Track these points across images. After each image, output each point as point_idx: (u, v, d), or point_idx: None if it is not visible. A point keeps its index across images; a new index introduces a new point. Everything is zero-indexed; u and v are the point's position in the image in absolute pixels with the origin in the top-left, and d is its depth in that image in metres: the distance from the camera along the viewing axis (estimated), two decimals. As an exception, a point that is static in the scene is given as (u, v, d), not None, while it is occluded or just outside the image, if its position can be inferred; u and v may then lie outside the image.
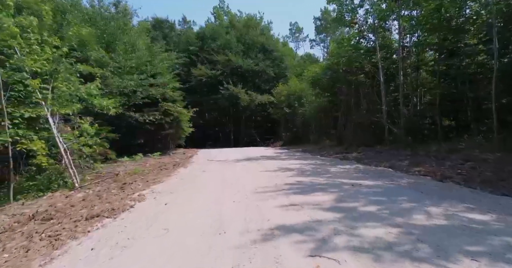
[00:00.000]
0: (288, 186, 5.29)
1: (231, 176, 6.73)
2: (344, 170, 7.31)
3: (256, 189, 5.10)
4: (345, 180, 5.75)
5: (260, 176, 6.53)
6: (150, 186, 5.98)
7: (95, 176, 9.53)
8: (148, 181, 6.70)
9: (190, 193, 5.01)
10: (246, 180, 6.06)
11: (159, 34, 27.29)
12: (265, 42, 28.12)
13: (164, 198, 4.62)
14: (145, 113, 15.90)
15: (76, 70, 8.91)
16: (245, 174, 6.96)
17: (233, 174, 7.14)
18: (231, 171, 7.77)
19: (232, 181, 6.05)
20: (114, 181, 8.19)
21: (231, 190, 5.10)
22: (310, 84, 18.49)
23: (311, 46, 41.04)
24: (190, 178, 6.89)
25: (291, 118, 23.62)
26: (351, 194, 4.44)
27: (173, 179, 6.75)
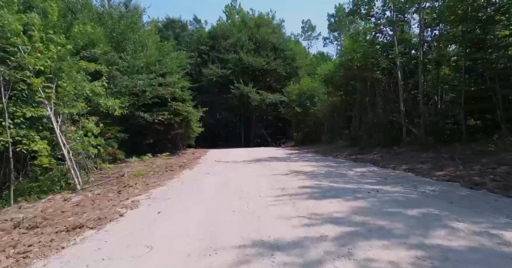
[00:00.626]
0: (296, 192, 4.76)
1: (236, 180, 6.26)
2: (360, 173, 6.69)
3: (260, 195, 4.61)
4: (361, 185, 5.16)
5: (266, 180, 6.02)
6: (149, 189, 5.60)
7: (100, 177, 9.32)
8: (149, 184, 6.34)
9: (188, 199, 4.58)
10: (251, 185, 5.58)
11: (170, 34, 27.24)
12: (276, 41, 27.51)
13: (158, 206, 4.20)
14: (154, 113, 15.72)
15: (79, 67, 8.70)
16: (251, 178, 6.48)
17: (238, 177, 6.67)
18: (237, 173, 7.30)
19: (235, 185, 5.58)
20: (117, 183, 7.93)
21: (233, 196, 4.63)
22: (323, 82, 17.78)
23: (324, 44, 40.12)
24: (192, 181, 6.47)
25: (303, 118, 22.92)
26: (369, 203, 3.87)
27: (175, 183, 6.36)
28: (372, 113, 12.90)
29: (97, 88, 9.35)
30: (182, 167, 10.53)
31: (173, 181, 6.58)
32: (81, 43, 9.92)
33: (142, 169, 10.75)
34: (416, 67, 11.06)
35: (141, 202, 4.49)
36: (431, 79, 11.39)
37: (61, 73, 8.21)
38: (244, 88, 24.87)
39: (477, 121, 10.62)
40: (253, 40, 27.31)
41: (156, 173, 9.43)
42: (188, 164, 11.11)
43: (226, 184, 5.74)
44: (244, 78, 25.69)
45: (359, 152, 12.10)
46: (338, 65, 15.84)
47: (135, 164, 12.85)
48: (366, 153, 11.88)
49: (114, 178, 9.13)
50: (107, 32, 13.25)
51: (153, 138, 16.52)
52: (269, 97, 25.57)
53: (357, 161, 9.84)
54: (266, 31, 27.65)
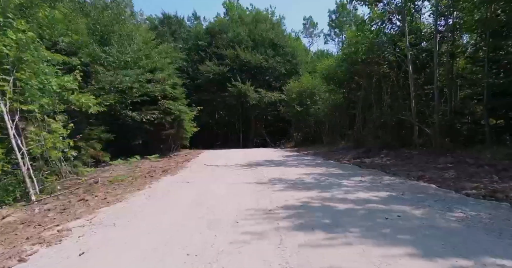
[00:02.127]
0: (286, 215, 3.47)
1: (215, 193, 4.98)
2: (368, 184, 5.38)
3: (237, 221, 3.33)
4: (373, 204, 3.85)
5: (252, 194, 4.73)
6: (100, 207, 4.33)
7: (70, 184, 8.07)
8: (107, 198, 5.07)
9: (137, 228, 3.30)
10: (230, 202, 4.29)
11: (166, 31, 25.99)
12: (275, 38, 26.16)
13: (90, 240, 2.93)
14: (143, 112, 14.47)
15: (43, 57, 7.43)
16: (235, 190, 5.19)
17: (219, 189, 5.38)
18: (220, 183, 6.01)
19: (211, 202, 4.30)
20: (83, 192, 6.71)
21: (200, 222, 3.35)
22: (324, 79, 16.44)
23: (325, 41, 38.52)
24: (162, 194, 5.19)
25: (303, 117, 21.61)
26: (392, 242, 2.56)
27: (140, 196, 5.08)
28: (378, 111, 11.58)
29: (67, 83, 8.11)
30: (165, 171, 9.28)
31: (141, 193, 5.30)
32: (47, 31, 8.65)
33: (123, 173, 9.53)
34: (429, 59, 9.71)
35: (73, 231, 3.22)
36: (444, 73, 10.03)
37: (21, 64, 6.97)
38: (241, 86, 23.57)
39: (499, 121, 9.27)
40: (251, 36, 25.98)
41: (134, 179, 8.23)
42: (173, 169, 9.86)
43: (200, 200, 4.46)
44: (242, 76, 24.39)
45: (364, 155, 10.77)
46: (340, 59, 14.50)
47: (119, 167, 11.60)
48: (372, 155, 10.55)
49: (86, 185, 7.91)
50: (90, 23, 12.01)
51: (143, 138, 15.26)
52: (268, 95, 24.25)
53: (363, 165, 8.52)
54: (264, 27, 26.31)
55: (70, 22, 11.22)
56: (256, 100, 23.95)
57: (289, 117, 23.47)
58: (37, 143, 7.22)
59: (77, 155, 10.38)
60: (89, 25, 11.91)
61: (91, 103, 8.97)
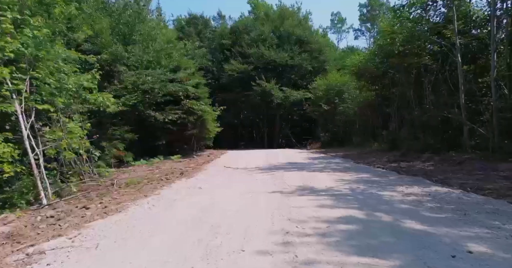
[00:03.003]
0: (307, 241, 2.61)
1: (224, 206, 4.21)
2: (413, 197, 4.29)
3: (243, 248, 2.54)
4: (425, 225, 2.85)
5: (267, 208, 3.91)
6: (94, 219, 3.78)
7: (87, 186, 7.83)
8: (108, 206, 4.54)
9: (123, 251, 2.64)
10: (240, 218, 3.51)
11: (192, 31, 25.96)
12: (302, 34, 24.96)
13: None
14: (166, 112, 14.25)
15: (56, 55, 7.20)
16: (248, 200, 4.40)
17: (231, 199, 4.62)
18: (234, 191, 5.26)
19: (217, 217, 3.55)
20: (97, 196, 6.36)
21: (197, 247, 2.61)
22: (354, 75, 15.06)
23: (355, 36, 36.30)
24: (167, 203, 4.54)
25: (331, 116, 20.27)
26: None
27: (142, 206, 4.47)
28: (419, 109, 10.11)
29: (84, 82, 7.87)
30: (182, 174, 8.79)
31: (145, 202, 4.71)
32: (63, 28, 8.50)
33: (141, 175, 9.22)
34: (483, 48, 8.16)
35: (46, 255, 2.64)
36: (502, 64, 8.39)
37: (37, 62, 6.79)
38: (266, 85, 22.74)
39: None
40: (276, 33, 25.04)
41: (149, 182, 7.84)
42: (190, 171, 9.35)
43: (205, 215, 3.72)
44: (267, 75, 23.56)
45: (401, 159, 9.43)
46: (372, 52, 13.10)
47: (140, 168, 11.39)
48: (411, 159, 9.20)
49: (103, 186, 7.63)
50: (113, 23, 11.95)
51: (166, 138, 15.06)
52: (293, 94, 23.17)
53: (402, 171, 7.28)
54: (290, 23, 25.22)
55: (94, 22, 11.22)
56: (281, 99, 23.01)
57: (316, 117, 22.22)
58: (52, 143, 6.98)
59: (100, 155, 10.30)
60: (112, 24, 11.83)
61: (109, 103, 8.68)
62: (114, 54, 11.56)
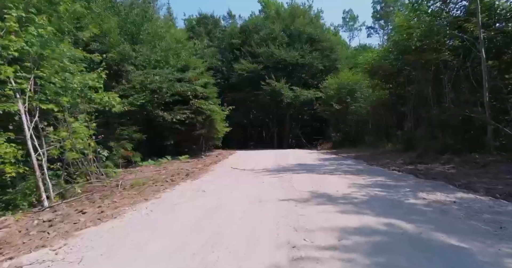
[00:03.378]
0: (318, 256, 2.24)
1: (226, 210, 3.90)
2: (436, 206, 3.83)
3: (242, 262, 2.20)
4: (449, 240, 2.42)
5: (273, 216, 3.55)
6: (87, 227, 3.53)
7: (92, 187, 7.70)
8: (104, 211, 4.30)
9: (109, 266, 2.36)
10: (242, 226, 3.18)
11: (202, 30, 25.84)
12: (313, 32, 24.38)
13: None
14: (174, 111, 14.11)
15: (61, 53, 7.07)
16: (252, 206, 4.07)
17: (234, 204, 4.29)
18: (239, 194, 4.93)
19: (217, 226, 3.23)
20: (100, 197, 6.20)
21: (191, 263, 2.29)
22: (367, 73, 14.46)
23: (368, 34, 35.22)
24: (167, 208, 4.26)
25: (342, 116, 19.65)
26: None
27: (141, 210, 4.20)
28: (437, 108, 9.48)
29: (89, 81, 7.74)
30: (188, 175, 8.56)
31: (144, 206, 4.44)
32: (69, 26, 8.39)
33: (148, 176, 9.06)
34: (509, 42, 7.51)
35: None
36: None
37: (41, 61, 6.69)
38: (276, 84, 22.32)
39: None
40: (287, 32, 24.56)
41: (154, 183, 7.65)
42: (197, 172, 9.10)
43: (205, 223, 3.40)
44: (277, 74, 23.14)
45: (418, 160, 8.86)
46: (386, 49, 12.49)
47: (148, 168, 11.26)
48: (428, 161, 8.61)
49: (109, 187, 7.49)
50: (121, 22, 11.86)
51: (174, 138, 14.93)
52: (303, 93, 22.64)
53: (420, 174, 6.75)
54: (302, 22, 24.69)
55: (102, 21, 11.15)
56: (291, 98, 22.54)
57: (327, 117, 21.64)
58: (56, 143, 6.84)
59: (108, 155, 10.19)
60: (120, 23, 11.74)
61: (115, 102, 8.52)
62: (122, 54, 11.47)
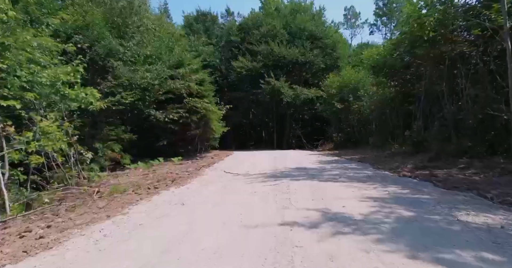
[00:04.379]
0: None
1: (197, 239, 2.89)
2: (481, 231, 2.81)
3: None
4: None
5: (256, 248, 2.55)
6: (19, 256, 2.55)
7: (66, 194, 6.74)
8: (43, 237, 3.30)
9: None
10: None
11: (200, 27, 24.82)
12: (315, 29, 23.30)
13: None
14: (168, 110, 13.12)
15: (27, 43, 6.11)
16: (233, 234, 3.06)
17: (212, 227, 3.29)
18: (221, 211, 3.93)
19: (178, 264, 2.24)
20: (65, 210, 5.26)
21: None
22: (372, 69, 13.40)
23: (371, 31, 34.00)
24: (126, 232, 3.26)
25: (344, 115, 18.60)
26: None
27: (92, 235, 3.21)
28: (452, 106, 8.42)
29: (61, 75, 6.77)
30: (174, 180, 7.57)
31: (100, 228, 3.44)
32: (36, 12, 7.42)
33: (133, 180, 8.10)
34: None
35: None
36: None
37: (4, 51, 5.75)
38: (275, 83, 21.29)
39: None
40: (287, 29, 23.49)
41: (135, 190, 6.73)
42: (186, 176, 8.11)
43: (165, 258, 2.41)
44: (277, 72, 22.10)
45: (431, 164, 7.80)
46: (393, 43, 11.41)
47: (136, 171, 10.27)
48: (443, 165, 7.56)
49: (84, 196, 6.54)
50: (107, 14, 10.86)
51: (168, 139, 13.94)
52: (304, 92, 21.58)
53: (438, 182, 5.70)
54: (303, 18, 23.61)
55: (86, 13, 10.19)
56: (291, 97, 21.49)
57: (328, 116, 20.59)
58: (21, 145, 5.86)
59: (93, 157, 9.24)
60: (106, 16, 10.74)
61: (93, 99, 7.53)
62: (107, 48, 10.48)
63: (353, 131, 18.44)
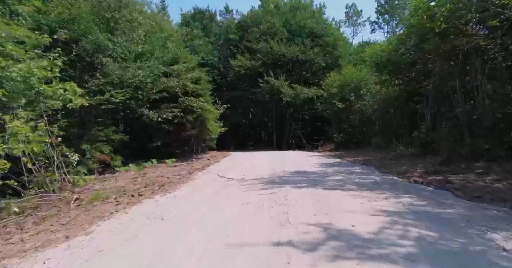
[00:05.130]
0: None
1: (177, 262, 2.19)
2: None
3: None
4: None
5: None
6: None
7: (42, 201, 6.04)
8: None
9: None
10: None
11: (198, 25, 24.06)
12: (315, 26, 22.53)
13: None
14: (162, 110, 12.41)
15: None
16: (215, 261, 2.34)
17: (189, 253, 2.57)
18: (205, 229, 3.20)
19: None
20: (33, 222, 4.59)
21: None
22: (375, 66, 12.64)
23: (372, 29, 33.08)
24: (78, 263, 2.56)
25: (346, 115, 17.86)
26: None
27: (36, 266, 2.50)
28: (465, 105, 7.68)
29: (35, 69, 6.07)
30: (163, 186, 6.87)
31: (45, 258, 2.73)
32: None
33: (119, 185, 7.40)
34: None
35: None
36: None
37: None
38: (274, 81, 20.54)
39: None
40: (287, 26, 22.72)
41: (118, 197, 6.07)
42: (176, 181, 7.40)
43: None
44: (276, 71, 21.34)
45: (443, 168, 7.05)
46: (399, 38, 10.66)
47: (125, 174, 9.54)
48: (457, 169, 6.81)
49: (62, 203, 5.87)
50: (94, 8, 10.12)
51: (162, 139, 13.23)
52: (304, 91, 20.82)
53: (456, 191, 4.97)
54: (303, 16, 22.83)
55: (72, 6, 9.46)
56: (290, 97, 20.73)
57: (329, 116, 19.83)
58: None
59: (80, 159, 8.52)
60: (93, 9, 10.01)
61: (72, 96, 6.80)
62: (95, 43, 9.74)
63: (355, 131, 17.70)
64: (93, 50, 9.91)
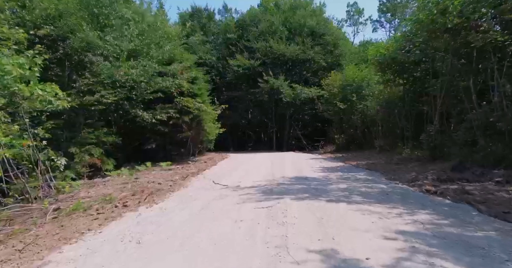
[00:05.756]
0: None
1: None
2: None
3: None
4: None
5: None
6: None
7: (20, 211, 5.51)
8: None
9: None
10: None
11: (196, 24, 23.42)
12: (314, 25, 21.90)
13: None
14: (157, 111, 11.83)
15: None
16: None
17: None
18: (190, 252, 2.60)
19: None
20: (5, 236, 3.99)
21: None
22: (378, 65, 12.01)
23: (374, 28, 32.41)
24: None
25: (347, 116, 17.24)
26: None
27: None
28: (479, 106, 7.05)
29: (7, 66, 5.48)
30: (152, 194, 6.30)
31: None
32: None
33: (106, 192, 6.82)
34: None
35: None
36: None
37: None
38: (274, 81, 19.92)
39: None
40: (286, 25, 22.09)
41: (100, 208, 5.48)
42: (167, 188, 6.81)
43: None
44: (276, 70, 20.72)
45: (457, 175, 6.42)
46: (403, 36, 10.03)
47: (116, 179, 8.92)
48: (472, 177, 6.20)
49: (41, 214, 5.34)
50: (83, 3, 9.52)
51: (157, 141, 12.65)
52: (304, 91, 20.20)
53: (478, 204, 4.34)
54: (303, 14, 22.19)
55: (59, 1, 8.86)
56: (290, 97, 20.11)
57: (329, 117, 19.21)
58: None
59: (68, 163, 7.96)
60: (82, 4, 9.40)
61: (52, 98, 6.19)
62: (84, 41, 9.14)
63: (356, 133, 17.07)
64: (82, 48, 9.32)
